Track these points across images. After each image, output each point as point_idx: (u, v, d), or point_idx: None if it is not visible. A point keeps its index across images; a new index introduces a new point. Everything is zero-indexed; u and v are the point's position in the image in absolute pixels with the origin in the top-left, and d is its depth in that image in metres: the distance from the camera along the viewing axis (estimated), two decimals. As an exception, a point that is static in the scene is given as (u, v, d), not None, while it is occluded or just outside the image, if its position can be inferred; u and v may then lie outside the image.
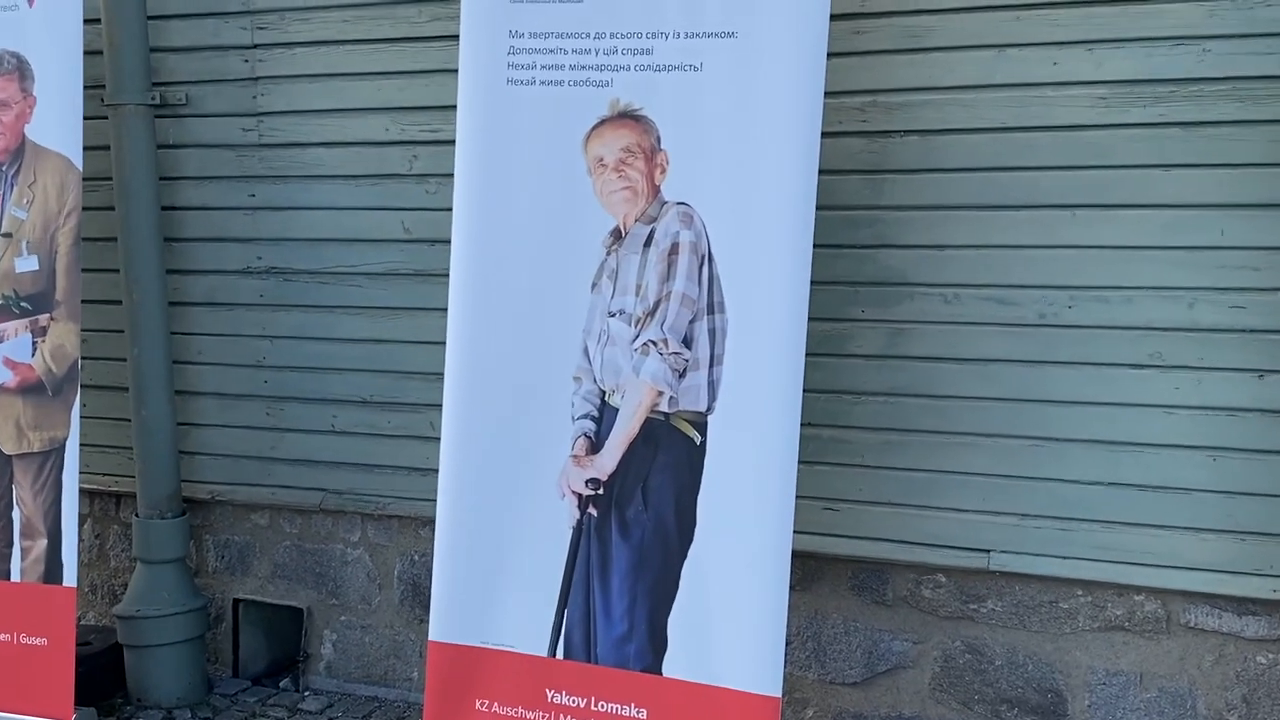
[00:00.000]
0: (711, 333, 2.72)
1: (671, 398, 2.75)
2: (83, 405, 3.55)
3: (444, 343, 2.97)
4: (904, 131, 3.08)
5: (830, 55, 2.69)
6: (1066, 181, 2.97)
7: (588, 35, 2.81)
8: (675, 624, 2.76)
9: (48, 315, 3.51)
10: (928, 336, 3.13)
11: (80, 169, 3.49)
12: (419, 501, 3.64)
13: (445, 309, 2.97)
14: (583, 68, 2.81)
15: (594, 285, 2.83)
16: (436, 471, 2.98)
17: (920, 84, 3.05)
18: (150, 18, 3.67)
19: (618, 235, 2.80)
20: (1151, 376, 2.96)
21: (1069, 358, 3.02)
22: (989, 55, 2.99)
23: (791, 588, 2.78)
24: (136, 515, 3.82)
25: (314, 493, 3.82)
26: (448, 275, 2.96)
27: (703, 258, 2.73)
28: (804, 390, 2.69)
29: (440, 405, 2.98)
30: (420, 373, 3.61)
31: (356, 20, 3.53)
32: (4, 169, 3.53)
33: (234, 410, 3.89)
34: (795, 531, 2.72)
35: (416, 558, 3.76)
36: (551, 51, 2.83)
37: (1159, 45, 2.86)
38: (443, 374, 2.97)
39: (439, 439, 2.96)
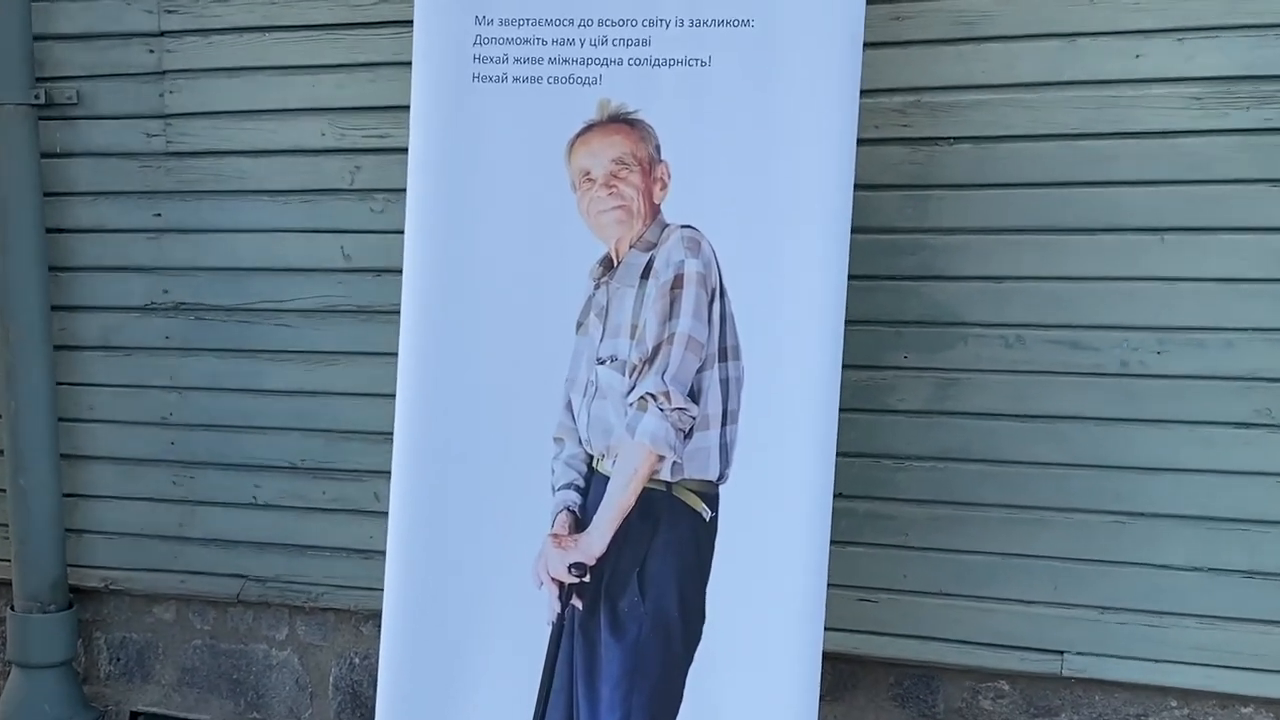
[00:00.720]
0: (724, 383, 2.71)
1: (675, 463, 2.73)
2: (-54, 472, 3.52)
3: (393, 395, 2.93)
4: (954, 138, 3.09)
5: (865, 46, 2.69)
6: (1153, 199, 2.97)
7: (571, 22, 2.80)
8: (679, 743, 2.73)
9: (-96, 361, 3.49)
10: (985, 388, 3.13)
11: (-54, 183, 3.48)
12: (361, 591, 3.62)
13: (395, 354, 2.93)
14: (565, 61, 2.80)
15: (579, 325, 2.81)
16: (382, 555, 2.94)
17: (973, 80, 3.06)
18: (35, -1, 3.68)
19: (608, 265, 2.79)
20: (1259, 438, 2.96)
21: (1158, 414, 3.01)
22: (1056, 46, 3.00)
23: (821, 697, 2.74)
24: (11, 608, 3.78)
25: (231, 580, 3.80)
26: (398, 312, 2.93)
27: (713, 292, 2.71)
28: (836, 454, 2.67)
29: (388, 472, 2.93)
30: (363, 432, 3.60)
31: (286, 3, 3.52)
32: None
33: (133, 479, 3.86)
34: (826, 628, 2.69)
35: (357, 660, 3.73)
36: (527, 41, 2.82)
37: (1265, 34, 2.86)
38: (391, 434, 2.93)
39: (386, 514, 2.93)
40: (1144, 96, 2.95)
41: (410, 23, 2.93)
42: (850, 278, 2.67)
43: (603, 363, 2.79)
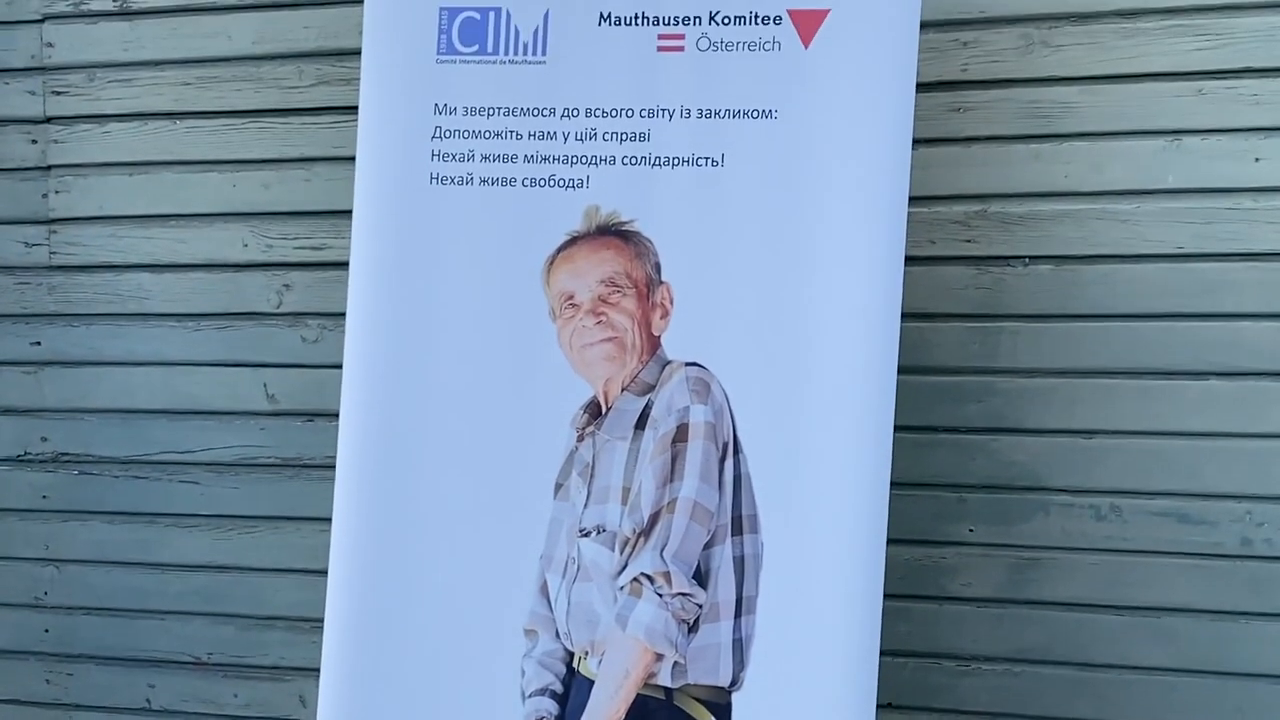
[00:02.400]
0: (738, 563, 2.69)
1: (676, 664, 2.70)
2: None
3: (325, 572, 2.93)
4: (1029, 258, 3.12)
5: (918, 142, 2.73)
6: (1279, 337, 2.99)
7: (552, 111, 2.83)
8: None
9: None
10: (1071, 571, 3.13)
11: None
12: (279, 822, 3.58)
13: (328, 519, 2.93)
14: (545, 159, 2.83)
15: (558, 487, 2.80)
16: (308, 775, 2.92)
17: (1052, 187, 3.11)
18: (-110, 76, 3.74)
19: (595, 411, 2.79)
20: None
21: (1290, 607, 3.00)
22: (1157, 146, 3.04)
23: None
24: None
25: (117, 808, 3.75)
26: (332, 467, 2.94)
27: (724, 447, 2.71)
28: (881, 653, 2.66)
29: (317, 670, 2.93)
30: (286, 618, 3.59)
31: (202, 84, 3.59)
32: None
33: (-5, 675, 3.83)
34: None
35: None
36: (498, 135, 2.85)
37: None
38: (321, 620, 2.93)
39: (313, 725, 2.92)
40: (1266, 210, 2.99)
41: (354, 110, 2.96)
42: (899, 429, 2.68)
43: (587, 534, 2.77)
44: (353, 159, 2.95)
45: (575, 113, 2.81)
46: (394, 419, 2.89)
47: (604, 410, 2.78)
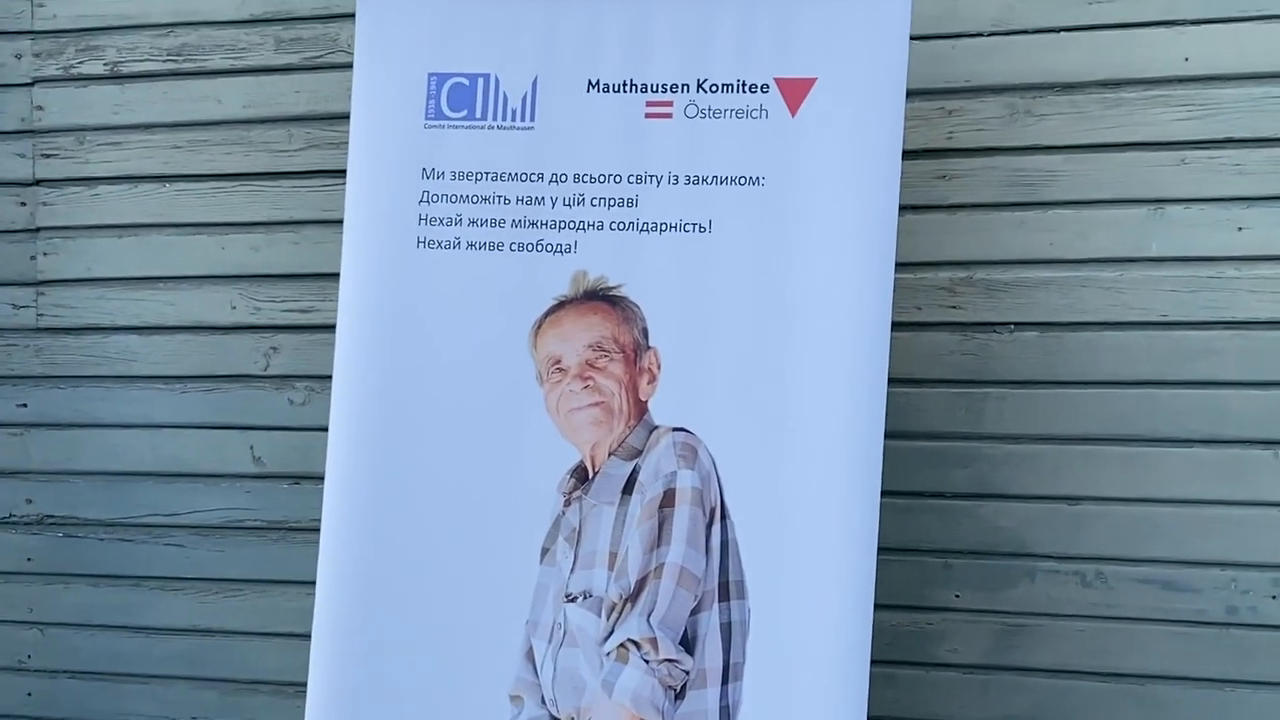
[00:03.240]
0: (725, 629, 2.67)
1: (663, 731, 2.69)
2: None
3: (309, 636, 2.91)
4: (1014, 324, 3.13)
5: (904, 209, 2.72)
6: (1263, 405, 2.99)
7: (540, 177, 2.83)
8: None
9: None
10: (1058, 637, 3.11)
11: None
12: None
13: (313, 583, 2.92)
14: (533, 224, 2.82)
15: (544, 552, 2.79)
16: (292, 842, 2.89)
17: (1037, 254, 3.11)
18: (-122, 138, 3.73)
19: (582, 476, 2.78)
20: (1404, 705, 2.93)
21: (1275, 675, 2.99)
22: (1140, 215, 3.05)
23: None
24: None
25: None
26: (318, 530, 2.92)
27: (711, 513, 2.69)
28: (868, 719, 2.63)
29: (301, 734, 2.91)
30: (271, 682, 3.57)
31: (193, 146, 3.59)
32: None
33: (-24, 739, 3.79)
34: None
35: None
36: (485, 199, 2.85)
37: (1395, 204, 2.92)
38: (305, 685, 2.90)
39: (297, 791, 2.89)
40: (1248, 278, 2.99)
41: (343, 173, 2.96)
42: (885, 494, 2.66)
43: (573, 600, 2.76)
44: (341, 222, 2.95)
45: (563, 178, 2.82)
46: (380, 482, 2.88)
47: (591, 475, 2.77)
